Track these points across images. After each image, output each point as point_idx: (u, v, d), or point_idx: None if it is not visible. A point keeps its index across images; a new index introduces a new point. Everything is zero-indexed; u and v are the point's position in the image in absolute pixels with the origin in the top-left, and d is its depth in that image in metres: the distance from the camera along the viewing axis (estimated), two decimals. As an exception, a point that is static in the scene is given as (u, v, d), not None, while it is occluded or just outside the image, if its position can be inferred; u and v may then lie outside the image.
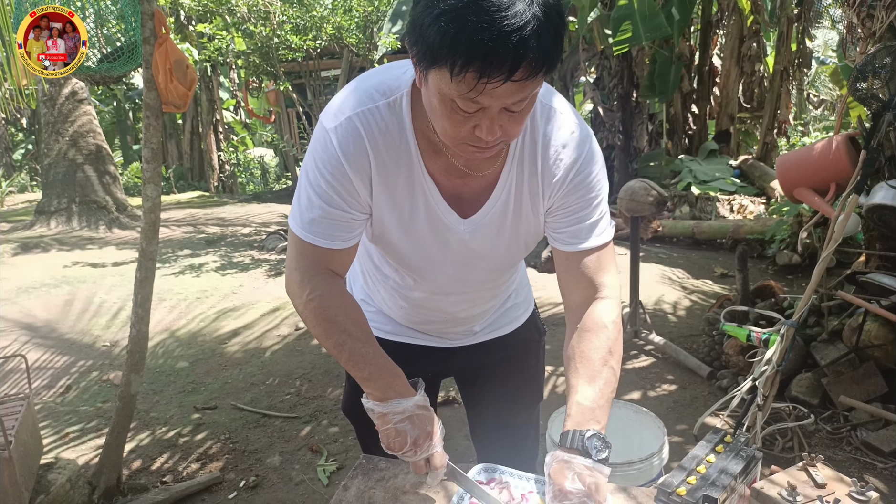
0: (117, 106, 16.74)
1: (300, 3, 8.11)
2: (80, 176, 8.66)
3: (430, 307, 1.32)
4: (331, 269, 1.15)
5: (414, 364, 1.36)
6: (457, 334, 1.41)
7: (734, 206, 7.07)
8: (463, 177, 1.11)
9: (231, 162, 15.50)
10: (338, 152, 1.05)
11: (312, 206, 1.09)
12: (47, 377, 3.85)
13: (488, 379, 1.49)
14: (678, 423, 2.96)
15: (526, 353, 1.50)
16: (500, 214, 1.14)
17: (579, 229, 1.14)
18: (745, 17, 8.18)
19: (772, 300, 3.61)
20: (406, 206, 1.12)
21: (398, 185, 1.09)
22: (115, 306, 5.12)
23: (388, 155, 1.07)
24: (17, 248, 7.37)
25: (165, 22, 2.27)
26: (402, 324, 1.39)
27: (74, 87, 8.52)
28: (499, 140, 0.95)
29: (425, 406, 1.11)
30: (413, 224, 1.14)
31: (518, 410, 1.52)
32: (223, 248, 7.31)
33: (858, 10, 2.98)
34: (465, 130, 0.93)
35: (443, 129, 0.96)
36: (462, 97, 0.88)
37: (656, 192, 3.65)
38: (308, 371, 3.72)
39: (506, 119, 0.92)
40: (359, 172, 1.06)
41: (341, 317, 1.13)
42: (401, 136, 1.06)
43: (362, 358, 1.12)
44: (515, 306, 1.45)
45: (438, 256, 1.19)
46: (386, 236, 1.16)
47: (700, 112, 8.73)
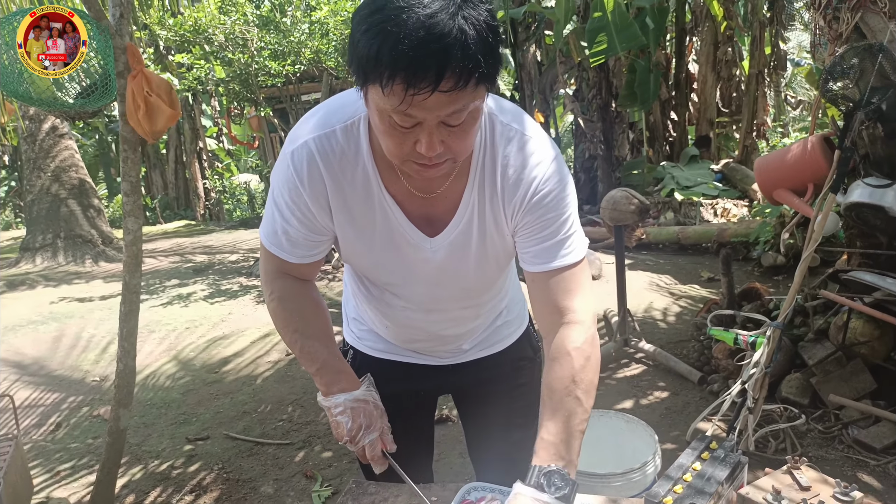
0: (100, 139, 16.70)
1: (277, 30, 8.15)
2: (64, 210, 8.61)
3: (412, 325, 1.33)
4: (294, 276, 1.23)
5: (407, 382, 1.39)
6: (446, 352, 1.40)
7: (717, 210, 7.13)
8: (425, 198, 1.12)
9: (217, 189, 15.47)
10: (294, 175, 1.08)
11: (274, 221, 1.14)
12: (37, 415, 3.81)
13: (482, 397, 1.48)
14: (672, 429, 2.96)
15: (519, 371, 1.48)
16: (464, 234, 1.15)
17: (543, 249, 1.12)
18: (719, 24, 8.30)
19: (758, 302, 3.63)
20: (368, 227, 1.13)
21: (357, 207, 1.11)
22: (105, 340, 5.07)
23: (344, 178, 1.09)
24: (3, 287, 7.30)
25: (139, 55, 2.28)
26: (392, 342, 1.40)
27: (54, 122, 8.50)
28: (443, 157, 0.96)
29: (364, 399, 1.19)
30: (378, 244, 1.16)
31: (513, 429, 1.50)
32: (211, 277, 7.27)
33: (824, 13, 3.03)
34: (406, 147, 0.94)
35: (387, 147, 0.97)
36: (395, 111, 0.89)
37: (638, 200, 3.68)
38: (300, 396, 3.70)
39: (446, 134, 0.93)
40: (315, 196, 1.09)
41: (296, 315, 1.22)
42: (357, 159, 1.08)
43: (311, 354, 1.20)
44: (507, 324, 1.44)
45: (408, 275, 1.21)
46: (355, 256, 1.20)
47: (679, 118, 8.82)
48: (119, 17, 2.22)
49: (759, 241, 5.40)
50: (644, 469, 1.73)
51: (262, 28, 8.19)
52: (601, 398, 3.29)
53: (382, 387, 1.28)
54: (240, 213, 16.05)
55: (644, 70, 7.71)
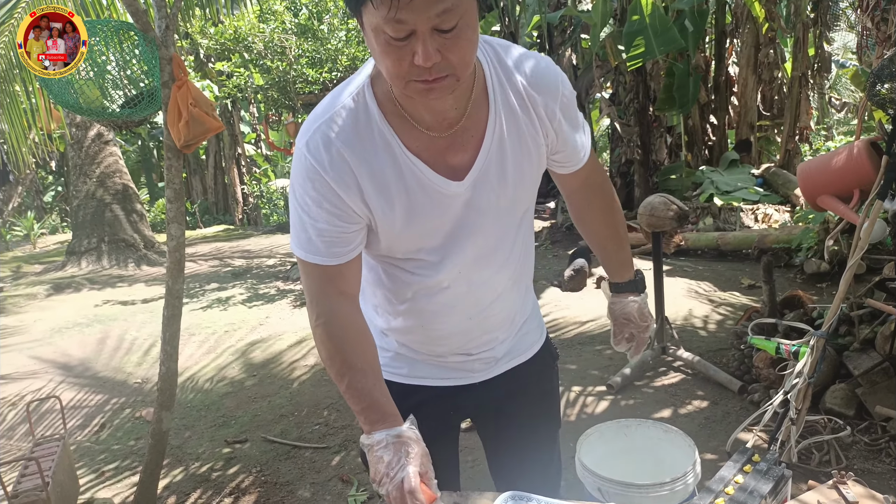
0: (142, 145, 17.13)
1: (315, 37, 8.27)
2: (109, 215, 8.86)
3: (453, 313, 1.27)
4: (339, 288, 1.15)
5: (431, 406, 1.34)
6: (479, 362, 1.37)
7: (758, 216, 6.99)
8: (448, 143, 1.11)
9: (254, 194, 15.74)
10: (314, 164, 1.07)
11: (305, 227, 1.11)
12: (81, 416, 3.92)
13: (507, 412, 1.46)
14: (711, 439, 2.91)
15: (542, 380, 1.49)
16: (493, 163, 1.14)
17: (574, 146, 1.25)
18: (760, 25, 8.14)
19: (801, 310, 3.55)
20: (401, 191, 1.11)
21: (386, 173, 1.09)
22: (147, 343, 5.20)
23: (364, 149, 1.07)
24: (50, 289, 7.53)
25: (183, 66, 2.34)
26: (419, 361, 1.36)
27: (100, 129, 8.75)
28: (443, 72, 0.95)
29: (408, 437, 1.08)
30: (414, 207, 1.12)
31: (539, 440, 1.50)
32: (249, 281, 7.40)
33: (872, 14, 2.96)
34: (405, 63, 0.94)
35: (388, 71, 0.96)
36: (386, 21, 0.89)
37: (676, 206, 3.63)
38: (336, 400, 3.74)
39: (441, 42, 0.93)
40: (339, 177, 1.07)
41: (345, 346, 1.13)
42: (370, 125, 1.08)
43: (359, 391, 1.12)
44: (531, 332, 1.44)
45: (447, 231, 1.17)
46: (392, 230, 1.14)
47: (719, 122, 8.67)
48: (165, 29, 2.28)
49: (801, 247, 5.27)
50: (683, 480, 1.71)
51: (301, 36, 8.33)
52: (639, 407, 3.25)
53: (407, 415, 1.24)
54: (276, 218, 16.29)
55: (683, 73, 7.61)
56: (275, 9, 8.23)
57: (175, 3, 2.32)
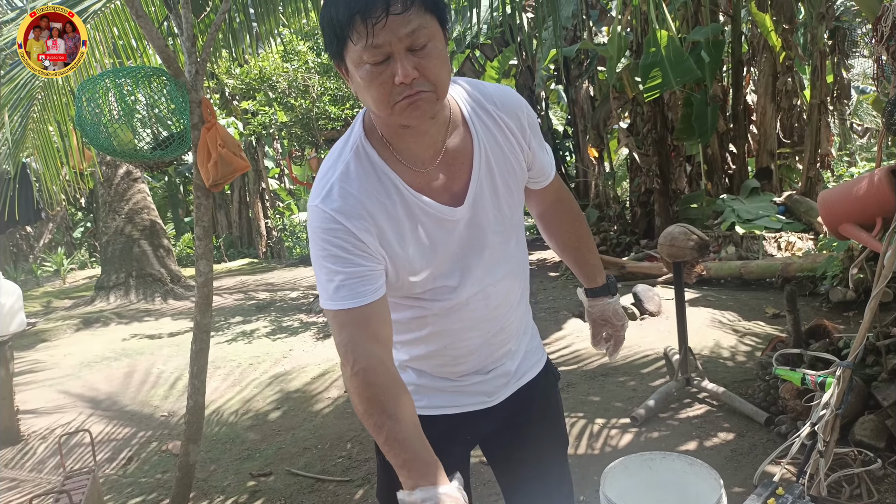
0: (169, 181, 17.48)
1: (337, 76, 8.45)
2: (137, 251, 9.04)
3: (474, 328, 1.34)
4: (372, 331, 1.15)
5: (450, 436, 1.38)
6: (492, 381, 1.42)
7: (781, 244, 6.93)
8: (441, 174, 1.23)
9: (278, 228, 15.93)
10: (334, 215, 1.15)
11: (332, 276, 1.15)
12: (109, 450, 3.97)
13: (520, 432, 1.51)
14: (738, 472, 2.88)
15: (549, 398, 1.56)
16: (485, 183, 1.26)
17: (543, 162, 1.39)
18: (777, 54, 8.17)
19: (826, 340, 3.51)
20: (413, 227, 1.21)
21: (398, 213, 1.19)
22: (173, 377, 5.27)
23: (378, 194, 1.18)
24: (80, 324, 7.67)
25: (212, 108, 2.43)
26: (436, 391, 1.40)
27: (129, 167, 8.98)
28: (424, 87, 1.07)
29: (456, 498, 1.05)
30: (426, 239, 1.22)
31: (551, 458, 1.56)
32: (273, 313, 7.47)
33: (888, 45, 2.98)
34: (388, 87, 1.06)
35: (374, 100, 1.09)
36: (366, 49, 1.04)
37: (697, 235, 3.63)
38: (359, 433, 3.75)
39: (416, 60, 1.05)
40: (361, 224, 1.16)
41: (384, 396, 1.11)
42: (376, 172, 1.19)
43: (401, 442, 1.09)
44: (535, 349, 1.52)
45: (458, 254, 1.27)
46: (413, 268, 1.23)
47: (738, 151, 8.66)
48: (195, 74, 2.37)
49: (826, 275, 5.22)
50: (709, 513, 1.70)
51: (323, 74, 8.52)
52: (664, 439, 3.23)
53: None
54: (299, 251, 16.45)
55: (701, 103, 7.64)
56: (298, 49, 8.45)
57: (204, 49, 2.42)
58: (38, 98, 4.52)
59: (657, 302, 5.61)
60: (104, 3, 4.04)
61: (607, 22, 9.50)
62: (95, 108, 2.51)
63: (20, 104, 4.43)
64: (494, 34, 9.58)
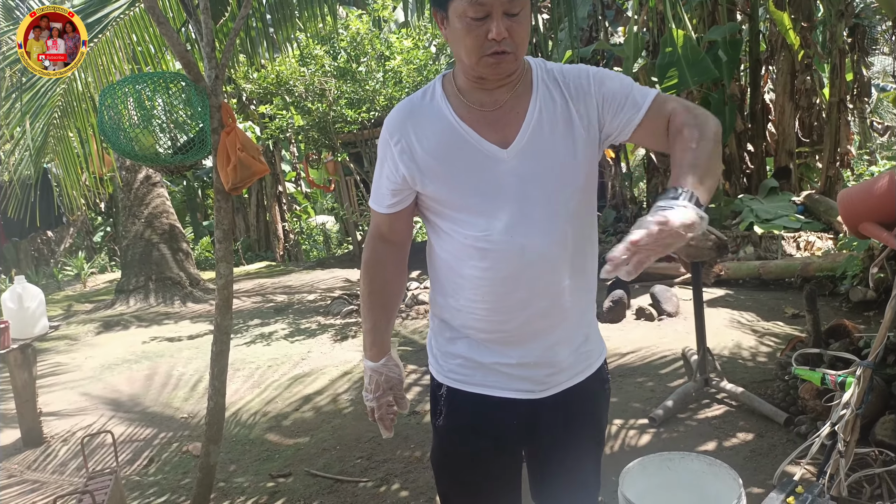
0: (187, 185, 17.65)
1: (353, 80, 8.51)
2: (156, 254, 9.13)
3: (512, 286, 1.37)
4: (383, 233, 1.49)
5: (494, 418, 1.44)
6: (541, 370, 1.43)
7: (800, 244, 6.87)
8: (494, 113, 1.35)
9: (295, 231, 16.03)
10: (385, 133, 1.41)
11: (377, 181, 1.45)
12: (130, 451, 4.02)
13: (560, 433, 1.50)
14: (757, 473, 2.86)
15: (597, 402, 1.56)
16: (537, 136, 1.35)
17: (630, 102, 1.35)
18: (796, 52, 8.10)
19: (847, 340, 3.48)
20: (452, 150, 1.35)
21: (438, 135, 1.36)
22: (193, 378, 5.32)
23: (424, 117, 1.38)
24: (100, 327, 7.77)
25: (232, 113, 2.46)
26: (487, 368, 1.43)
27: (148, 172, 9.08)
28: (509, 48, 1.25)
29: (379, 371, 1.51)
30: (460, 163, 1.35)
31: (584, 462, 1.55)
32: (291, 316, 7.52)
33: (906, 42, 2.96)
34: (481, 40, 1.24)
35: (467, 48, 1.26)
36: (471, 5, 1.22)
37: (715, 236, 3.62)
38: (377, 434, 3.77)
39: (507, 24, 1.23)
40: (400, 141, 1.37)
41: (371, 283, 1.51)
42: (434, 101, 1.39)
43: (364, 315, 1.52)
44: (592, 351, 1.51)
45: (495, 192, 1.35)
46: (444, 186, 1.37)
47: (756, 150, 8.60)
48: (214, 79, 2.41)
49: (846, 275, 5.17)
50: (729, 513, 1.69)
51: (339, 78, 8.57)
52: (682, 440, 3.21)
53: (469, 438, 1.44)
54: (316, 254, 16.54)
55: (718, 103, 7.60)
56: (315, 53, 8.51)
57: (224, 54, 2.45)
58: (59, 105, 4.59)
59: (675, 303, 5.58)
60: (123, 11, 4.11)
61: (623, 22, 9.48)
62: (115, 114, 2.55)
63: (42, 111, 4.51)
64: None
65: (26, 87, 4.32)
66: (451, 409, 1.47)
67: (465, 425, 1.47)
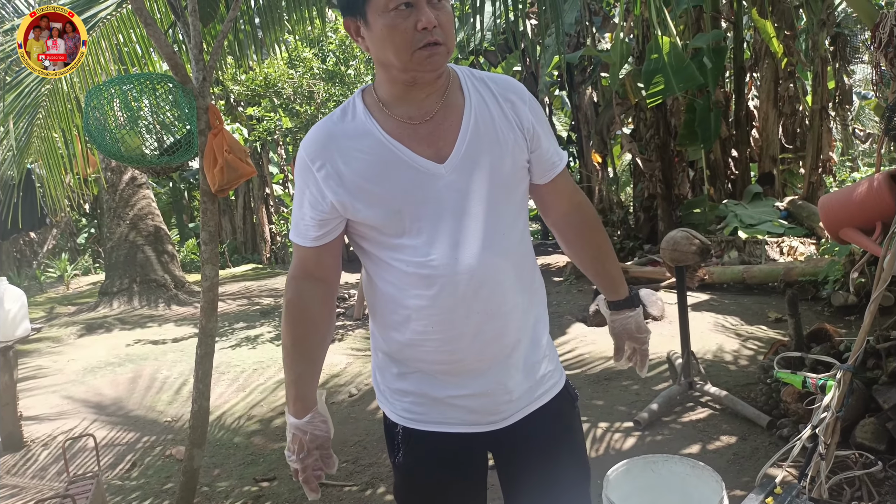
0: (173, 187, 17.54)
1: (342, 82, 8.51)
2: (141, 257, 9.06)
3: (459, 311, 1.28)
4: (310, 271, 1.35)
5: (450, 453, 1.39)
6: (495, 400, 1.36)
7: (784, 249, 6.94)
8: (429, 131, 1.28)
9: (282, 233, 15.95)
10: (304, 157, 1.30)
11: (298, 213, 1.34)
12: (113, 455, 3.98)
13: (527, 460, 1.44)
14: (740, 475, 2.89)
15: (562, 416, 1.48)
16: (474, 148, 1.28)
17: (551, 155, 1.39)
18: (779, 60, 8.20)
19: (828, 344, 3.53)
20: (381, 170, 1.26)
21: (369, 155, 1.26)
22: (178, 382, 5.28)
23: (347, 137, 1.27)
24: (83, 330, 7.70)
25: (219, 115, 2.46)
26: (439, 403, 1.36)
27: (134, 173, 9.02)
28: (438, 37, 1.18)
29: (304, 430, 1.33)
30: (390, 181, 1.26)
31: (566, 487, 1.47)
32: (277, 319, 7.49)
33: (885, 52, 3.00)
34: (410, 32, 1.17)
35: (396, 48, 1.19)
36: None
37: (699, 240, 3.65)
38: (363, 438, 3.77)
39: (435, 13, 1.18)
40: (322, 167, 1.27)
41: (294, 327, 1.36)
42: (356, 118, 1.29)
43: (288, 367, 1.37)
44: (549, 375, 1.44)
45: (434, 210, 1.26)
46: (380, 211, 1.27)
47: (741, 156, 8.68)
48: (202, 81, 2.40)
49: (828, 280, 5.23)
50: (711, 515, 1.71)
51: (328, 81, 8.57)
52: (666, 443, 3.24)
53: (434, 472, 1.40)
54: (303, 257, 16.45)
55: (704, 109, 7.67)
56: (303, 56, 8.50)
57: (212, 56, 2.45)
58: (44, 105, 4.56)
59: (660, 306, 5.62)
60: (111, 11, 4.09)
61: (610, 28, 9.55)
62: (101, 115, 2.54)
63: (25, 111, 4.47)
64: (498, 41, 9.64)
65: (10, 86, 4.28)
66: (410, 448, 1.40)
67: (429, 460, 1.40)
